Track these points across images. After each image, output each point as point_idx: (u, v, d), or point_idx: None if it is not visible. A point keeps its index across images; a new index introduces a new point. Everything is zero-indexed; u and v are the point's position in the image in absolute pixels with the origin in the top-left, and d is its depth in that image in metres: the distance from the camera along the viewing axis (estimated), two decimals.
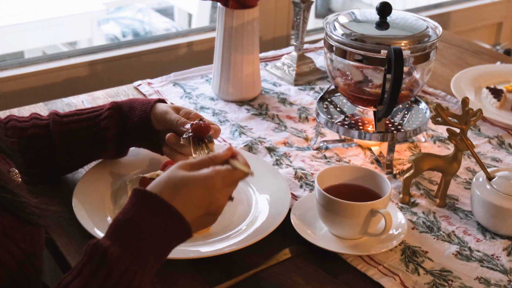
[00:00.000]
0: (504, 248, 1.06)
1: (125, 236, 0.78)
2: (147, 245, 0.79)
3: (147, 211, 0.80)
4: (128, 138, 1.14)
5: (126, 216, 0.80)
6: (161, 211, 0.80)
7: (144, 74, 1.72)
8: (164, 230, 0.80)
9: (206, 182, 0.83)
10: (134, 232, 0.79)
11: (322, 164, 1.27)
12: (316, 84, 1.60)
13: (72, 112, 1.14)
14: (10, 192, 0.79)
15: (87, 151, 1.13)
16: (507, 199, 1.06)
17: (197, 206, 0.83)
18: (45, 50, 2.98)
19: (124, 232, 0.79)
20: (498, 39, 2.69)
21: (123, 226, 0.79)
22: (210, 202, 0.84)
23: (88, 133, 1.11)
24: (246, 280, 0.98)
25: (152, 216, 0.80)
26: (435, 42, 1.23)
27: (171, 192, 0.82)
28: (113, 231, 0.79)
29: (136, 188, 0.83)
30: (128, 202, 0.82)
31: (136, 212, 0.80)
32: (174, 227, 0.81)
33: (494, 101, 1.50)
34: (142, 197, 0.81)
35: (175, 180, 0.83)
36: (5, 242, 0.77)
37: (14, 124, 1.10)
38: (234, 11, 1.41)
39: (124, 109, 1.13)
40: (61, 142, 1.10)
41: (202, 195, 0.83)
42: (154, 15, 3.37)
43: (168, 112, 1.10)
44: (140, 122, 1.11)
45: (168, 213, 0.80)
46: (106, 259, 0.76)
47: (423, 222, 1.11)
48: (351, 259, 1.02)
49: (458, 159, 1.14)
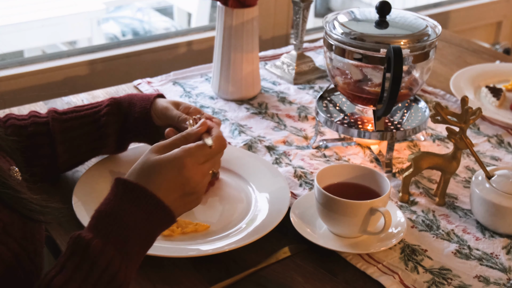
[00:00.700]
0: (503, 247, 1.06)
1: (107, 228, 0.78)
2: (130, 236, 0.78)
3: (129, 201, 0.80)
4: (129, 134, 1.14)
5: (108, 207, 0.80)
6: (142, 201, 0.80)
7: (144, 73, 1.72)
8: (146, 219, 0.80)
9: (175, 163, 0.83)
10: (116, 223, 0.78)
11: (321, 163, 1.27)
12: (316, 83, 1.60)
13: (70, 109, 1.14)
14: (10, 188, 0.79)
15: (87, 148, 1.13)
16: (506, 197, 1.07)
17: (171, 189, 0.83)
18: (44, 50, 2.98)
19: (106, 223, 0.78)
20: (497, 38, 2.69)
21: (104, 218, 0.79)
22: (182, 183, 0.84)
23: (88, 130, 1.12)
24: (245, 279, 0.98)
25: (134, 205, 0.80)
26: (434, 41, 1.23)
27: (146, 179, 0.82)
28: (95, 223, 0.79)
29: (117, 178, 0.82)
30: (109, 192, 0.82)
31: (118, 203, 0.80)
32: (157, 214, 0.81)
33: (493, 100, 1.51)
34: (123, 187, 0.81)
35: (148, 165, 0.83)
36: (6, 239, 0.77)
37: (13, 123, 1.10)
38: (234, 10, 1.41)
39: (124, 105, 1.13)
40: (61, 139, 1.10)
41: (172, 176, 0.83)
42: (153, 15, 3.37)
43: (168, 109, 1.10)
44: (140, 118, 1.12)
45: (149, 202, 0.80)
46: (89, 252, 0.76)
47: (422, 221, 1.12)
48: (350, 257, 1.02)
49: (457, 157, 1.14)
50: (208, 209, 1.12)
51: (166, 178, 0.83)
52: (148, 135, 1.14)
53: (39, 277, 0.84)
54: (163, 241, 1.03)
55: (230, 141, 1.33)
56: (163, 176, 0.83)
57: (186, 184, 0.84)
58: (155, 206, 0.81)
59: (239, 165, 1.22)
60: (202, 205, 1.13)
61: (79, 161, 1.15)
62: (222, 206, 1.14)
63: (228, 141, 1.33)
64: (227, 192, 1.17)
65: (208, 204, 1.14)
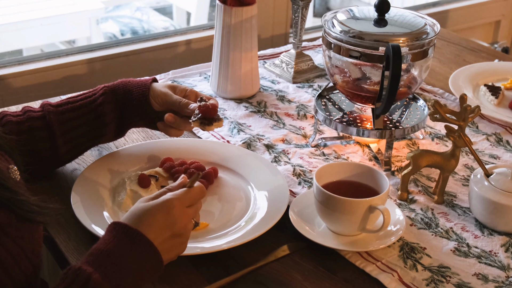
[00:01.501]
0: (502, 245, 1.06)
1: (105, 265, 0.81)
2: (125, 276, 0.82)
3: (127, 244, 0.83)
4: (127, 120, 1.16)
5: (108, 247, 0.83)
6: (139, 244, 0.84)
7: (143, 72, 1.72)
8: (140, 262, 0.83)
9: (164, 204, 0.87)
10: (114, 262, 0.82)
11: (320, 161, 1.27)
12: (315, 82, 1.60)
13: (64, 101, 1.15)
14: (8, 189, 0.79)
15: (87, 138, 1.14)
16: (505, 195, 1.07)
17: (161, 229, 0.86)
18: (43, 49, 2.98)
19: (105, 261, 0.81)
20: (496, 37, 2.69)
21: (104, 256, 0.82)
22: (172, 222, 0.87)
23: (86, 120, 1.13)
24: (244, 277, 0.98)
25: (131, 249, 0.83)
26: (433, 39, 1.23)
27: (136, 221, 0.86)
28: (94, 259, 0.82)
29: (115, 222, 0.86)
30: (107, 233, 0.85)
31: (118, 244, 0.83)
32: (149, 259, 0.84)
33: (492, 98, 1.51)
34: (124, 230, 0.84)
35: (138, 211, 0.87)
36: (3, 239, 0.77)
37: (9, 119, 1.10)
38: (233, 8, 1.41)
39: (119, 92, 1.15)
40: (60, 131, 1.11)
41: (163, 217, 0.86)
42: (152, 14, 3.37)
43: (167, 94, 1.13)
44: (138, 105, 1.14)
45: (144, 246, 0.84)
46: (89, 285, 0.78)
47: (421, 219, 1.12)
48: (349, 255, 1.02)
49: (456, 156, 1.14)
50: (207, 207, 1.12)
51: (158, 218, 0.86)
52: (147, 120, 1.17)
53: (37, 277, 0.84)
54: None
55: (229, 139, 1.33)
56: (155, 217, 0.86)
57: (175, 224, 0.87)
58: (148, 251, 0.84)
59: (238, 163, 1.22)
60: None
61: (79, 151, 1.17)
62: (221, 204, 1.14)
63: (227, 139, 1.33)
64: (226, 191, 1.17)
65: (207, 202, 1.14)
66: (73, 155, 1.16)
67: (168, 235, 0.86)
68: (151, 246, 0.84)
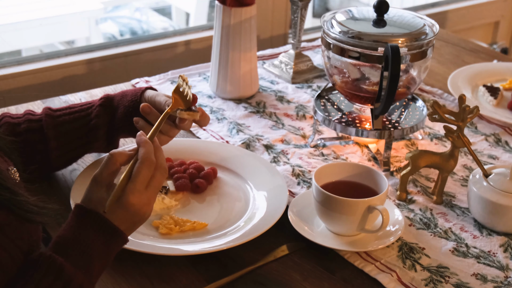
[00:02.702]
0: (500, 245, 1.06)
1: (74, 253, 0.82)
2: (93, 260, 0.83)
3: (91, 229, 0.84)
4: (118, 126, 1.14)
5: (72, 234, 0.83)
6: (102, 228, 0.84)
7: (142, 72, 1.72)
8: (107, 246, 0.84)
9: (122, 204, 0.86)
10: (82, 250, 0.82)
11: (319, 162, 1.27)
12: (314, 82, 1.60)
13: (65, 106, 1.15)
14: (8, 189, 0.79)
15: (79, 142, 1.13)
16: (504, 195, 1.07)
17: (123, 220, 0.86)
18: (42, 49, 2.98)
19: (73, 249, 0.82)
20: (495, 38, 2.70)
21: (71, 244, 0.82)
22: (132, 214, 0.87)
23: (79, 124, 1.12)
24: (243, 277, 0.98)
25: (95, 233, 0.84)
26: (432, 39, 1.23)
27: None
28: (62, 248, 0.82)
29: (78, 205, 0.86)
30: (71, 218, 0.85)
31: (82, 231, 0.84)
32: (116, 241, 0.85)
33: (491, 99, 1.51)
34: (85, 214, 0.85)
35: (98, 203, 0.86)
36: (2, 239, 0.77)
37: (7, 121, 1.11)
38: (232, 9, 1.41)
39: (116, 99, 1.15)
40: (53, 135, 1.11)
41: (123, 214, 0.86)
42: (151, 14, 3.37)
43: (158, 95, 1.11)
44: (130, 109, 1.12)
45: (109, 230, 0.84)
46: (63, 275, 0.79)
47: (420, 219, 1.12)
48: (348, 255, 1.02)
49: (455, 156, 1.14)
50: (206, 208, 1.13)
51: (117, 215, 0.86)
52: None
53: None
54: (161, 240, 1.03)
55: (228, 139, 1.33)
56: (113, 215, 0.86)
57: (136, 215, 0.87)
58: (114, 235, 0.85)
59: (237, 163, 1.22)
60: (200, 204, 1.14)
61: (72, 157, 1.15)
62: (220, 205, 1.14)
63: (226, 139, 1.33)
64: (225, 191, 1.17)
65: (206, 202, 1.14)
66: (66, 160, 1.15)
67: (130, 223, 0.87)
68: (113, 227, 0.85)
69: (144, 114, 1.08)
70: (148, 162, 0.88)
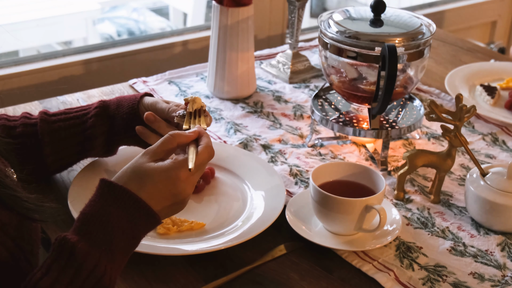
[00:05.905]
0: (498, 244, 1.06)
1: (92, 231, 0.78)
2: (115, 238, 0.79)
3: (114, 204, 0.80)
4: (117, 136, 1.12)
5: (93, 209, 0.80)
6: (129, 204, 0.80)
7: (139, 73, 1.72)
8: (132, 222, 0.81)
9: (170, 174, 0.84)
10: (102, 225, 0.78)
11: (317, 161, 1.27)
12: (311, 82, 1.61)
13: (61, 111, 1.12)
14: (7, 187, 0.79)
15: (74, 150, 1.11)
16: (501, 195, 1.07)
17: (164, 198, 0.84)
18: (39, 50, 2.98)
19: (91, 226, 0.78)
20: (492, 38, 2.70)
21: (89, 220, 0.79)
22: (175, 194, 0.85)
23: (74, 131, 1.10)
24: (241, 276, 0.98)
25: (119, 209, 0.80)
26: (429, 39, 1.23)
27: (137, 184, 0.82)
28: (80, 225, 0.79)
29: (103, 179, 0.83)
30: (95, 193, 0.82)
31: (104, 205, 0.80)
32: (142, 218, 0.81)
33: (488, 98, 1.51)
34: (109, 189, 0.81)
35: (140, 171, 0.83)
36: (3, 238, 0.77)
37: (3, 123, 1.09)
38: (229, 9, 1.41)
39: (112, 107, 1.12)
40: (47, 140, 1.08)
41: (167, 187, 0.84)
42: (149, 15, 3.37)
43: (158, 102, 1.09)
44: (128, 117, 1.10)
45: (136, 206, 0.81)
46: (75, 255, 0.76)
47: (417, 218, 1.12)
48: (346, 255, 1.03)
49: (452, 155, 1.14)
50: (204, 207, 1.13)
51: (160, 187, 0.83)
52: (137, 136, 1.10)
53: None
54: (159, 240, 1.03)
55: (226, 139, 1.33)
56: (158, 185, 0.83)
57: (178, 195, 0.85)
58: (140, 209, 0.81)
59: (235, 163, 1.22)
60: (198, 204, 1.14)
61: (67, 163, 1.13)
62: (218, 204, 1.14)
63: (224, 139, 1.33)
64: (223, 191, 1.17)
65: (204, 202, 1.14)
66: (61, 166, 1.13)
67: (169, 204, 0.85)
68: (142, 203, 0.81)
69: (148, 123, 1.07)
70: (211, 149, 0.88)
